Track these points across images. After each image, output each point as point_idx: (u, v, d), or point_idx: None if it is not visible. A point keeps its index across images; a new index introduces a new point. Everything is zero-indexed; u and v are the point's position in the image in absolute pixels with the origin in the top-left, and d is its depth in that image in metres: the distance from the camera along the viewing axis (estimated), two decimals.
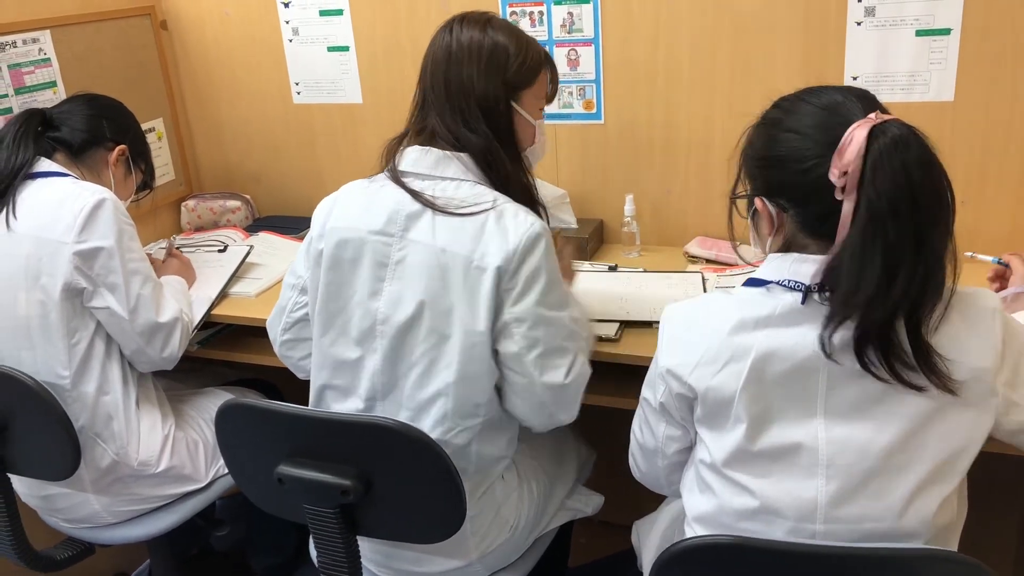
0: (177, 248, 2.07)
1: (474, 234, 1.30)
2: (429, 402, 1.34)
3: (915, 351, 1.01)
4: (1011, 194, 1.82)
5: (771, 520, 1.10)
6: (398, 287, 1.33)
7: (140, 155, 1.87)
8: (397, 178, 1.36)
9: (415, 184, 1.35)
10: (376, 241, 1.34)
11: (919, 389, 1.02)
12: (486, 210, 1.31)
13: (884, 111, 1.05)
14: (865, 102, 1.06)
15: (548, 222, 1.41)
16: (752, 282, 1.13)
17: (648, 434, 1.27)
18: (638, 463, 1.35)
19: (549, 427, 1.42)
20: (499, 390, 1.38)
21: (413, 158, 1.37)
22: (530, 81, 1.41)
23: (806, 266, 1.07)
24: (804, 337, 1.05)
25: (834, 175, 1.02)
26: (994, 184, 1.83)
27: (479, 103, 1.35)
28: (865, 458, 1.05)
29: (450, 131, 1.36)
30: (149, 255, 1.78)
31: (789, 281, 1.08)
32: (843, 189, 1.01)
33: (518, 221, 1.31)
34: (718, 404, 1.11)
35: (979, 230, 1.86)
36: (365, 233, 1.35)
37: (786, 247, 1.13)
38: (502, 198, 1.34)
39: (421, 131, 1.40)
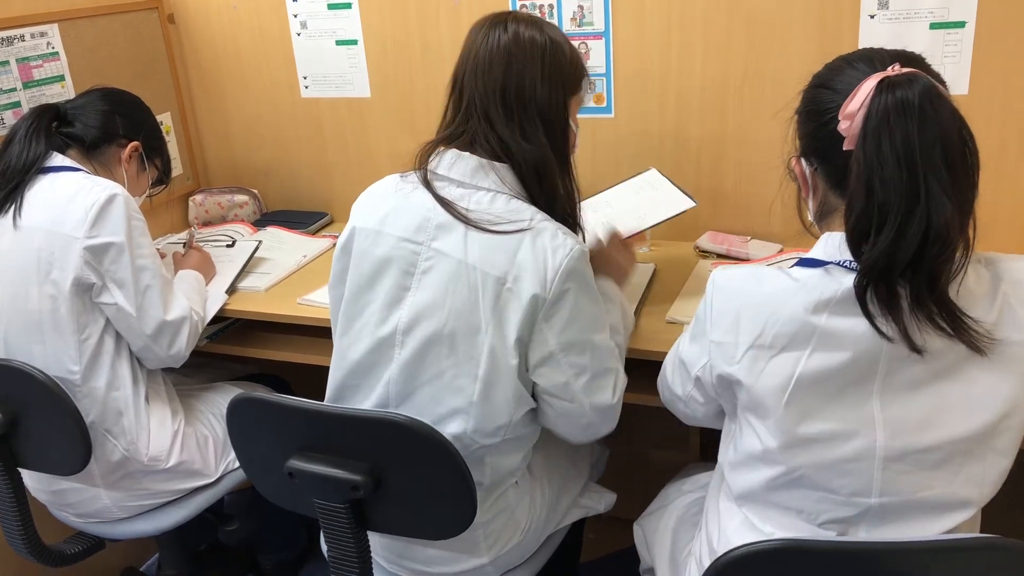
0: (197, 242, 2.06)
1: (508, 254, 1.24)
2: (446, 417, 1.30)
3: (935, 306, 1.00)
4: None
5: (823, 498, 1.09)
6: (422, 298, 1.28)
7: (155, 151, 1.86)
8: (429, 184, 1.30)
9: (450, 191, 1.29)
10: (404, 247, 1.29)
11: (918, 351, 1.01)
12: (522, 229, 1.24)
13: (922, 69, 1.03)
14: (903, 60, 1.04)
15: (584, 234, 1.38)
16: (807, 262, 1.10)
17: (677, 383, 1.28)
18: (660, 388, 1.36)
19: (590, 440, 1.42)
20: (531, 411, 1.35)
21: (449, 162, 1.30)
22: (578, 86, 1.36)
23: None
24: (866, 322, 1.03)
25: (843, 125, 1.02)
26: (1009, 178, 1.81)
27: (540, 111, 1.28)
28: (921, 437, 1.04)
29: (502, 139, 1.28)
30: (159, 250, 1.78)
31: (848, 262, 1.05)
32: (852, 138, 1.01)
33: (556, 243, 1.24)
34: (771, 390, 1.08)
35: (993, 224, 1.82)
36: (394, 238, 1.30)
37: (821, 209, 1.13)
38: (539, 215, 1.27)
39: (460, 136, 1.32)
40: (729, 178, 2.01)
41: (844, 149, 1.02)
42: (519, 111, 1.28)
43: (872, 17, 1.79)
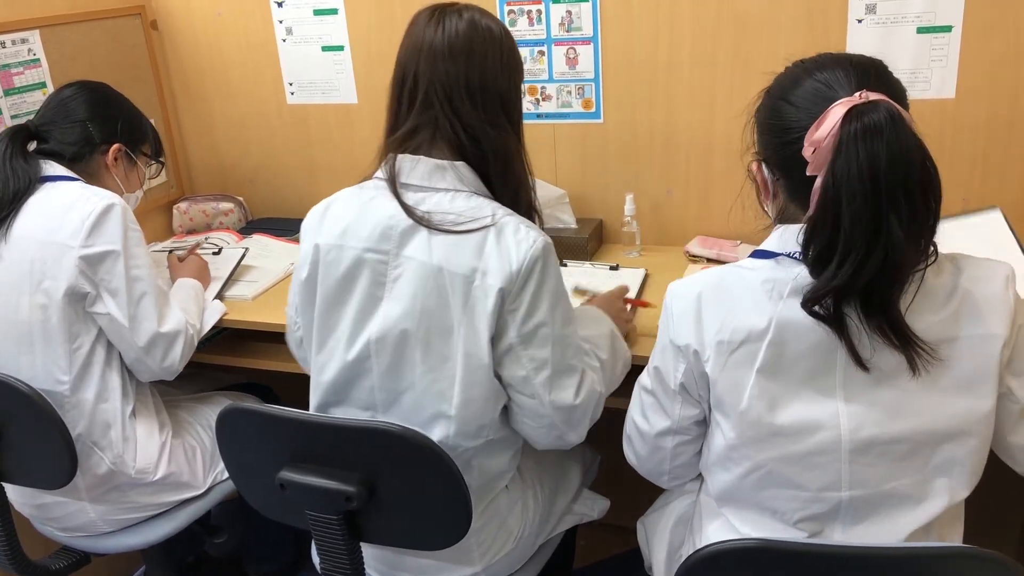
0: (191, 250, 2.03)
1: (473, 252, 1.24)
2: (430, 422, 1.30)
3: (884, 320, 1.01)
4: (1012, 192, 1.82)
5: (794, 496, 1.10)
6: (393, 307, 1.28)
7: (138, 141, 1.80)
8: (394, 189, 1.29)
9: (408, 196, 1.28)
10: (372, 259, 1.28)
11: (865, 368, 1.03)
12: (485, 226, 1.24)
13: (885, 85, 1.03)
14: (861, 76, 1.04)
15: (543, 224, 1.36)
16: (760, 254, 1.12)
17: (658, 419, 1.24)
18: (637, 450, 1.31)
19: (556, 447, 1.38)
20: (506, 408, 1.34)
21: (409, 168, 1.29)
22: (523, 72, 1.38)
23: None
24: None
25: (807, 151, 1.02)
26: (995, 181, 1.82)
27: (501, 98, 1.29)
28: (886, 428, 1.05)
29: (468, 128, 1.26)
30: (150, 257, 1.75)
31: (797, 253, 1.06)
32: (816, 165, 1.01)
33: (519, 238, 1.24)
34: (734, 385, 1.09)
35: None
36: (360, 250, 1.29)
37: (781, 215, 1.14)
38: (501, 211, 1.27)
39: (414, 131, 1.29)
40: (717, 182, 2.02)
41: (808, 173, 1.02)
42: (483, 99, 1.28)
43: (860, 22, 1.79)
